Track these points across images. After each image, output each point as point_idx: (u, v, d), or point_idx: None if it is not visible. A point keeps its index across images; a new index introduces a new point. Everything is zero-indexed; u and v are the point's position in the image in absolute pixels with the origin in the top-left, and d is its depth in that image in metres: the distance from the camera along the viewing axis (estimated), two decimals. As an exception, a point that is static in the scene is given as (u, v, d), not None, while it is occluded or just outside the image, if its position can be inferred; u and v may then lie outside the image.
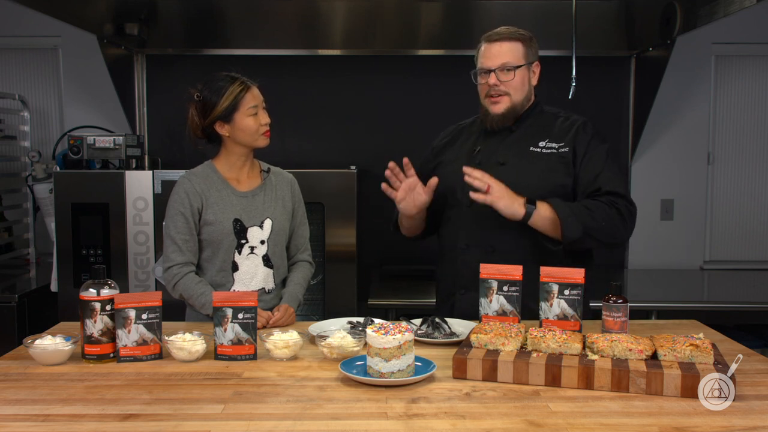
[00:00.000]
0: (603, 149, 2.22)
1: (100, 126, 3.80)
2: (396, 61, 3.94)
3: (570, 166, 2.18)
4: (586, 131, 2.23)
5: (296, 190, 2.40)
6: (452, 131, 2.44)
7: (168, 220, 2.22)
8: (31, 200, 3.91)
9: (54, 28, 3.75)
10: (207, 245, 2.23)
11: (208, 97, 2.19)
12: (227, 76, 2.21)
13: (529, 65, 2.23)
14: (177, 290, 2.19)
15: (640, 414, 1.43)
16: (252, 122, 2.21)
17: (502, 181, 2.11)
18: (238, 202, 2.24)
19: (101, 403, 1.51)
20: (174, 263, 2.18)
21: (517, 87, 2.21)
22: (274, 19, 3.50)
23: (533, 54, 2.24)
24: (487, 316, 2.00)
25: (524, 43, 2.21)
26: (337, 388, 1.59)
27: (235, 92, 2.18)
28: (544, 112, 2.30)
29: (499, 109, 2.22)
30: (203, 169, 2.28)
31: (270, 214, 2.27)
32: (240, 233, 2.22)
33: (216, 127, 2.21)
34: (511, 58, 2.19)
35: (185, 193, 2.21)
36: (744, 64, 4.04)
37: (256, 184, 2.30)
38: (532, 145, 2.21)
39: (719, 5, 2.99)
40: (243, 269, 2.23)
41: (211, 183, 2.24)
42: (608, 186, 2.14)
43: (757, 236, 4.11)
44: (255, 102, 2.21)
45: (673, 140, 4.01)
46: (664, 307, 3.17)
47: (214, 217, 2.20)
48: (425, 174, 2.41)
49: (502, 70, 2.19)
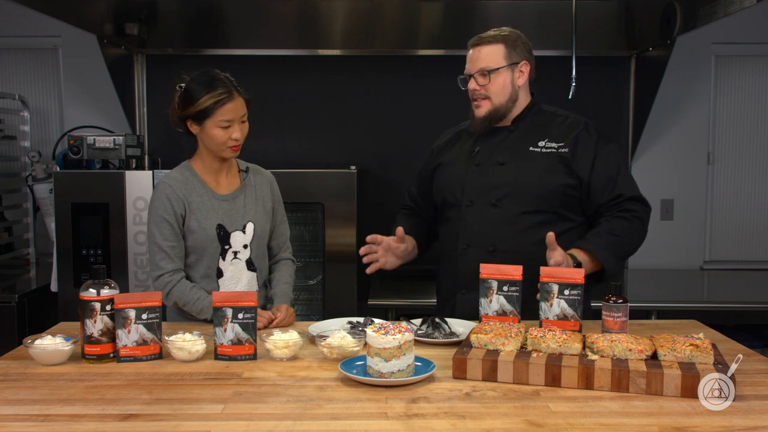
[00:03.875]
0: (612, 150, 2.22)
1: (100, 126, 3.80)
2: (396, 61, 3.93)
3: (571, 167, 2.17)
4: (589, 133, 2.22)
5: (275, 189, 2.36)
6: (452, 133, 2.44)
7: (153, 227, 2.16)
8: (31, 200, 3.91)
9: (54, 28, 3.75)
10: (191, 252, 2.19)
11: (190, 91, 2.12)
12: (215, 79, 2.11)
13: (514, 66, 2.21)
14: (171, 298, 2.15)
15: (640, 414, 1.43)
16: (220, 134, 2.11)
17: (502, 180, 2.16)
18: (219, 206, 2.20)
19: (101, 403, 1.51)
20: (164, 271, 2.15)
21: (497, 91, 2.20)
22: (274, 19, 3.50)
23: (519, 54, 2.22)
24: (487, 316, 2.00)
25: (507, 44, 2.20)
26: (337, 388, 1.59)
27: (212, 100, 2.07)
28: (543, 111, 2.30)
29: (480, 112, 2.23)
30: (181, 173, 2.22)
31: (252, 217, 2.23)
32: (223, 239, 2.19)
33: (188, 123, 2.15)
34: (489, 62, 2.19)
35: (167, 199, 2.15)
36: (744, 64, 4.04)
37: (235, 186, 2.26)
38: (532, 145, 2.21)
39: (719, 5, 2.99)
40: (227, 275, 2.20)
41: (191, 187, 2.19)
42: (629, 191, 2.18)
43: (757, 236, 4.11)
44: (230, 116, 2.10)
45: (673, 140, 4.01)
46: (664, 307, 3.17)
47: (197, 224, 2.16)
48: (426, 175, 2.41)
49: (480, 74, 2.19)
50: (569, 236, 2.19)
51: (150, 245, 2.18)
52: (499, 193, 2.19)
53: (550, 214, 2.18)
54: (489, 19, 3.44)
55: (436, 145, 2.45)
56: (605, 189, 2.17)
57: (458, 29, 3.57)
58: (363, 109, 3.95)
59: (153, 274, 2.17)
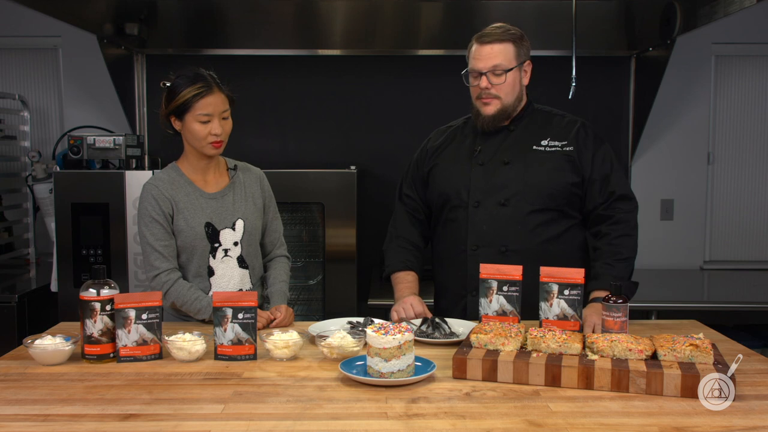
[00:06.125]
0: (607, 149, 2.25)
1: (100, 126, 3.80)
2: (396, 61, 3.93)
3: (576, 165, 2.19)
4: (587, 132, 2.25)
5: (266, 186, 2.35)
6: (444, 132, 2.41)
7: (143, 229, 2.16)
8: (31, 200, 3.91)
9: (54, 28, 3.74)
10: (181, 251, 2.19)
11: (173, 87, 2.12)
12: (195, 75, 2.12)
13: (521, 66, 2.22)
14: (169, 298, 2.15)
15: (640, 414, 1.43)
16: (199, 128, 2.11)
17: (509, 179, 2.19)
18: (207, 204, 2.20)
19: (101, 403, 1.51)
20: (160, 270, 2.14)
21: (508, 90, 2.19)
22: (274, 19, 3.50)
23: (525, 53, 2.22)
24: (487, 316, 2.00)
25: (515, 43, 2.19)
26: (337, 388, 1.60)
27: (190, 94, 2.08)
28: (538, 110, 2.31)
29: (490, 110, 2.21)
30: (167, 173, 2.22)
31: (241, 215, 2.23)
32: (212, 237, 2.18)
33: (171, 120, 2.16)
34: (503, 60, 2.17)
35: (154, 199, 2.15)
36: (744, 64, 4.04)
37: (224, 184, 2.25)
38: (535, 144, 2.22)
39: (719, 5, 2.99)
40: (219, 273, 2.20)
41: (178, 187, 2.19)
42: (621, 189, 2.22)
43: (757, 236, 4.11)
44: (208, 110, 2.10)
45: (673, 140, 4.01)
46: (664, 307, 3.17)
47: (185, 224, 2.16)
48: (420, 177, 2.40)
49: (494, 73, 2.17)
50: (572, 233, 2.23)
51: (143, 247, 2.18)
52: (508, 193, 2.19)
53: (556, 212, 2.20)
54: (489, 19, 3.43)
55: (429, 146, 2.41)
56: (601, 187, 2.21)
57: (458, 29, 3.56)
58: (363, 109, 3.95)
59: (149, 275, 2.16)
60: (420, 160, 2.42)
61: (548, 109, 2.32)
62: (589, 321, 1.96)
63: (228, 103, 2.16)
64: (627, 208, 2.21)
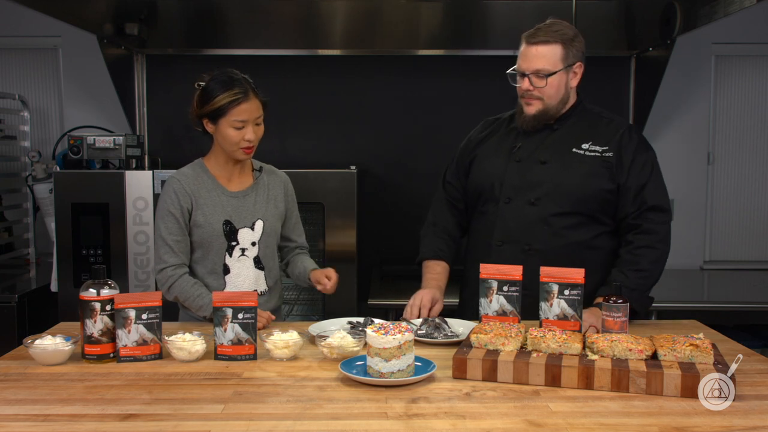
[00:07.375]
0: (649, 157, 2.20)
1: (100, 126, 3.80)
2: (396, 61, 3.93)
3: (613, 172, 2.15)
4: (632, 137, 2.20)
5: (290, 190, 2.36)
6: (491, 124, 2.39)
7: (159, 221, 2.18)
8: (31, 200, 3.91)
9: (54, 28, 3.74)
10: (197, 247, 2.20)
11: (207, 90, 2.13)
12: (232, 79, 2.12)
13: (569, 68, 2.17)
14: (172, 292, 2.16)
15: (640, 414, 1.44)
16: (233, 134, 2.12)
17: (543, 179, 2.15)
18: (228, 202, 2.21)
19: (101, 403, 1.51)
20: (167, 265, 2.16)
21: (551, 93, 2.16)
22: (274, 19, 3.50)
23: (574, 55, 2.16)
24: (487, 316, 2.00)
25: (564, 44, 2.14)
26: (337, 388, 1.60)
27: (226, 100, 2.09)
28: (587, 110, 2.27)
29: (531, 110, 2.19)
30: (193, 169, 2.24)
31: (261, 215, 2.24)
32: (230, 235, 2.19)
33: (204, 122, 2.17)
34: (546, 64, 2.12)
35: (174, 193, 2.17)
36: (744, 64, 4.04)
37: (247, 184, 2.27)
38: (575, 147, 2.19)
39: (719, 5, 2.99)
40: (234, 272, 2.21)
41: (201, 183, 2.21)
42: (654, 200, 2.16)
43: (757, 236, 4.11)
44: (244, 117, 2.11)
45: (673, 140, 4.01)
46: (664, 307, 3.16)
47: (203, 219, 2.17)
48: (462, 166, 2.37)
49: (536, 76, 2.14)
50: (602, 239, 2.20)
51: (155, 239, 2.19)
52: (538, 192, 2.17)
53: (586, 216, 2.17)
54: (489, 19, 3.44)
55: (474, 136, 2.39)
56: (635, 196, 2.16)
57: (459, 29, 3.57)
58: (363, 109, 3.94)
59: (156, 268, 2.18)
60: (464, 149, 2.40)
61: (597, 110, 2.28)
62: (585, 324, 1.96)
63: (262, 108, 2.17)
64: (658, 219, 2.16)
